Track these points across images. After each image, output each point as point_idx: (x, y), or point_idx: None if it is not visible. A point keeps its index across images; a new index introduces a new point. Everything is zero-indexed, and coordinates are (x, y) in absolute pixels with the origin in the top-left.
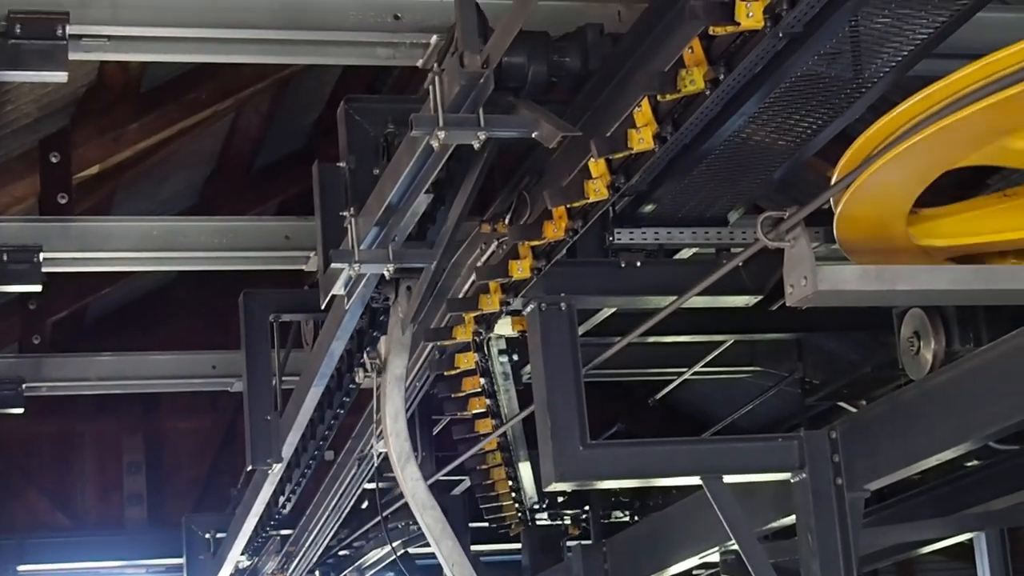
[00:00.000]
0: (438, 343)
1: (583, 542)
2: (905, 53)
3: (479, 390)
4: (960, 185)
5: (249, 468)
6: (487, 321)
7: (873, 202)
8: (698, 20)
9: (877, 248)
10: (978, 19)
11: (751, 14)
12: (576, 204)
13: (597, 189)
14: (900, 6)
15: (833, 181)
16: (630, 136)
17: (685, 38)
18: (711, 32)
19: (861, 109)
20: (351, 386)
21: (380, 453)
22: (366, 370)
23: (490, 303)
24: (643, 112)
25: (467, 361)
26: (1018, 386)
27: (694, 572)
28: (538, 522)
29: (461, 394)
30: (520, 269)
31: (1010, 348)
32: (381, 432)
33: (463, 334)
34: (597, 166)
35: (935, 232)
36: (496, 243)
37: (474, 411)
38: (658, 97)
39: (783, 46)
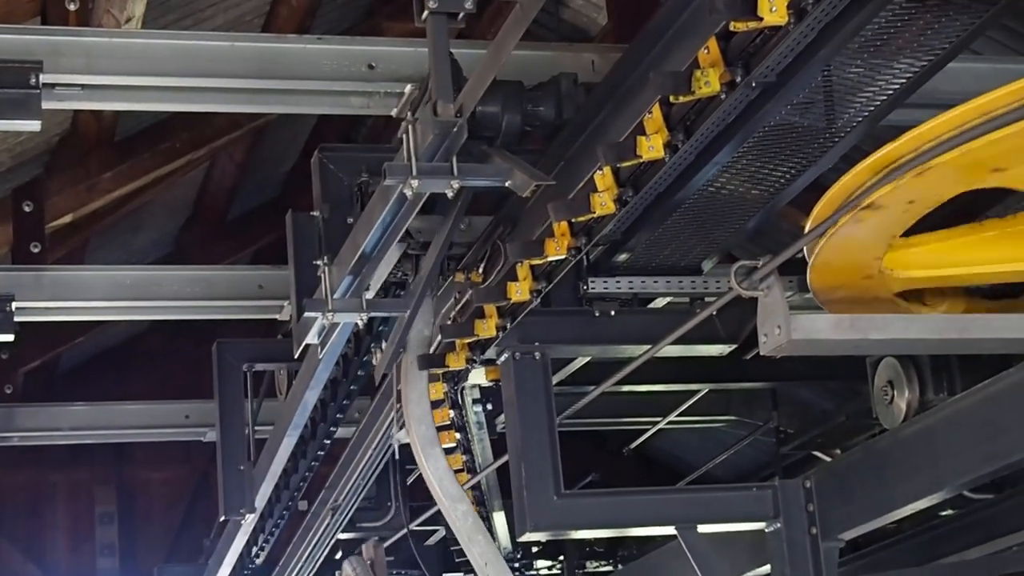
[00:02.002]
0: (398, 404)
1: None
2: (878, 103)
3: (454, 445)
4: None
5: (222, 518)
6: (455, 378)
7: (846, 251)
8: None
9: (851, 297)
10: (950, 69)
11: (708, 83)
12: (538, 261)
13: (558, 247)
14: (872, 57)
15: (806, 230)
16: (592, 200)
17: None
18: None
19: (834, 158)
20: (325, 435)
21: (400, 442)
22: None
23: (456, 360)
24: (604, 176)
25: (441, 416)
26: (992, 435)
27: None
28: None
29: None
30: (486, 328)
31: (984, 397)
32: (401, 419)
33: (435, 392)
34: (560, 226)
35: (908, 262)
36: (471, 292)
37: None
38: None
39: (756, 96)
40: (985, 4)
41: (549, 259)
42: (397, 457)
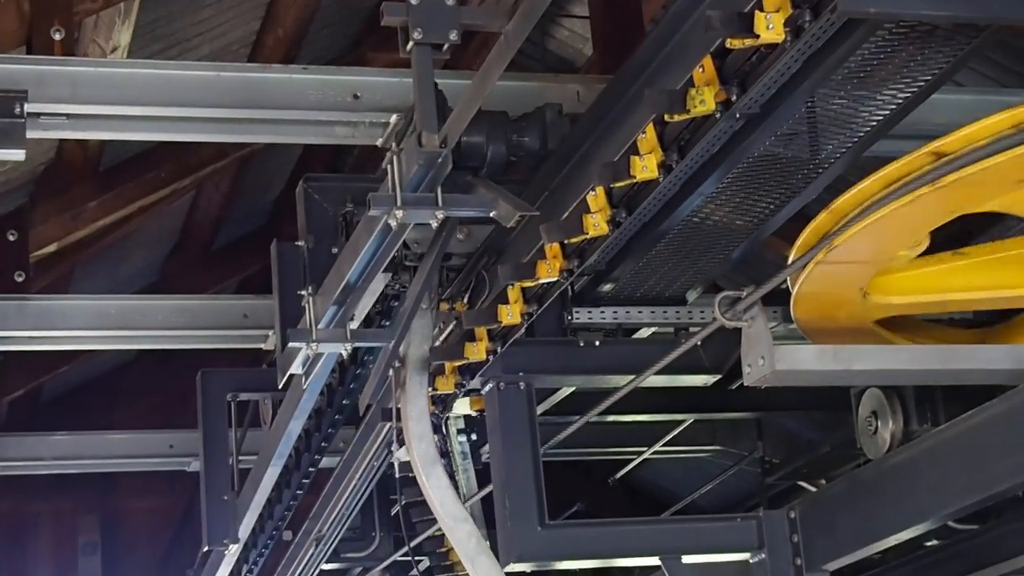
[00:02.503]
0: (396, 424)
1: None
2: (861, 134)
3: None
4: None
5: (205, 548)
6: (444, 402)
7: (830, 282)
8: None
9: (834, 328)
10: (933, 100)
11: (703, 101)
12: (529, 284)
13: (550, 269)
14: (855, 88)
15: (789, 261)
16: (585, 221)
17: (638, 125)
18: (665, 119)
19: (818, 189)
20: (310, 465)
21: (400, 460)
22: None
23: (446, 384)
24: (597, 197)
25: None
26: (976, 465)
27: None
28: None
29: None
30: (476, 351)
31: (968, 428)
32: (400, 435)
33: None
34: (552, 248)
35: (890, 288)
36: (455, 322)
37: None
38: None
39: (740, 127)
40: (968, 36)
41: (540, 281)
42: (398, 475)
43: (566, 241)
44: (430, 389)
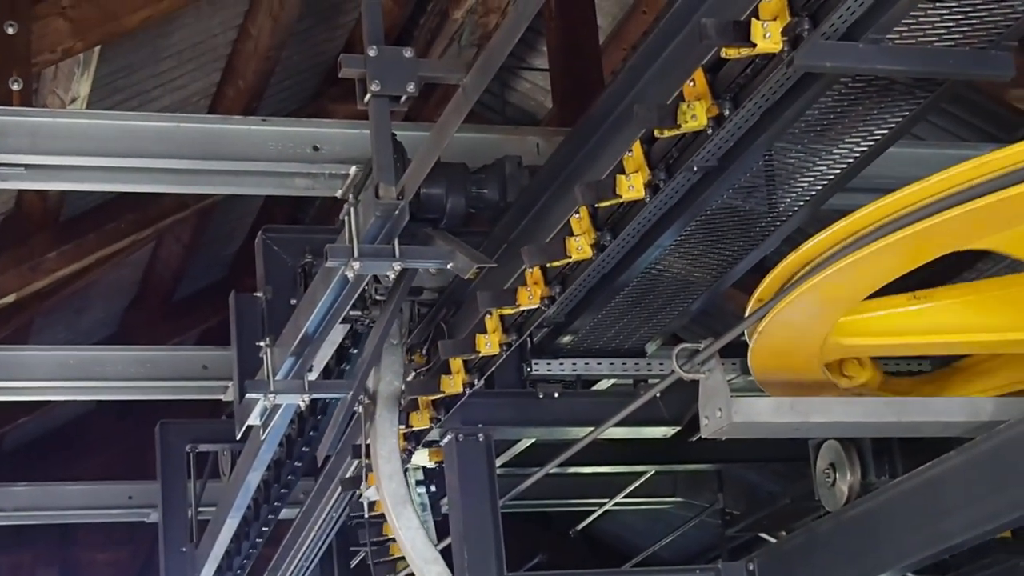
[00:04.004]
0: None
1: None
2: (819, 187)
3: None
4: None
5: None
6: (417, 438)
7: (787, 334)
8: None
9: (792, 380)
10: (891, 154)
11: (695, 116)
12: (509, 312)
13: (531, 296)
14: (812, 142)
15: (747, 313)
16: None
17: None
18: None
19: (777, 241)
20: (269, 516)
21: (367, 500)
22: None
23: (420, 419)
24: (533, 274)
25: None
26: (934, 518)
27: None
28: None
29: (381, 539)
30: (452, 384)
31: (925, 480)
32: (371, 472)
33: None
34: (533, 272)
35: (851, 330)
36: (414, 373)
37: (396, 555)
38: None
39: (699, 179)
40: (925, 90)
41: (521, 309)
42: (367, 515)
43: (548, 265)
44: (402, 427)
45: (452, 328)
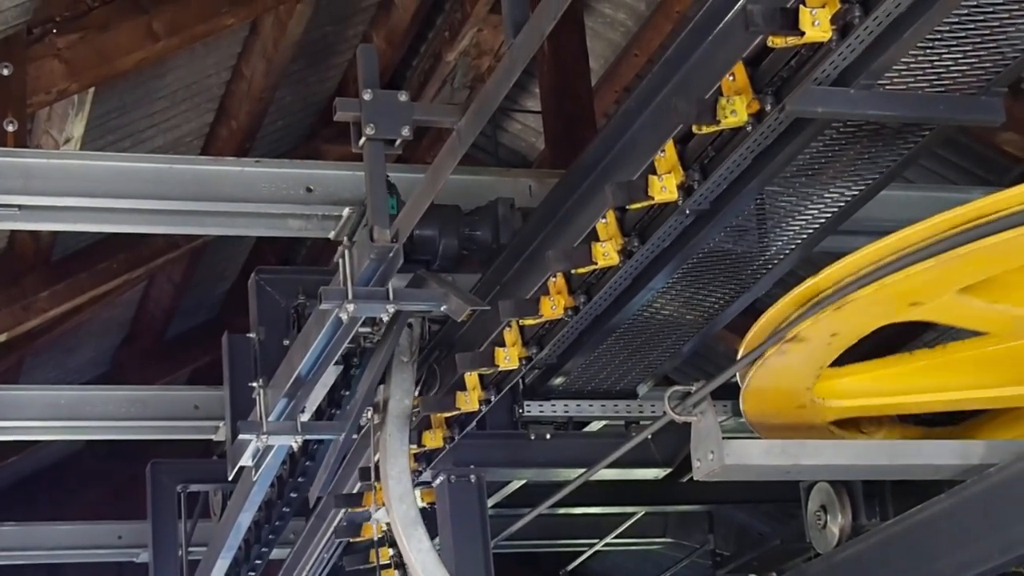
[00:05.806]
0: (347, 508)
1: None
2: (811, 231)
3: (388, 563)
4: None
5: None
6: (429, 459)
7: (777, 380)
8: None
9: (783, 423)
10: (882, 196)
11: (664, 188)
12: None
13: (554, 306)
14: (804, 185)
15: (739, 356)
16: (594, 251)
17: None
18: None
19: (768, 284)
20: (259, 557)
21: (380, 523)
22: None
23: (434, 439)
24: (608, 224)
25: (379, 529)
26: (924, 560)
27: None
28: None
29: (369, 565)
30: (468, 401)
31: (916, 523)
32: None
33: (371, 501)
34: (557, 282)
35: (839, 392)
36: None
37: None
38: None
39: (691, 222)
40: (916, 135)
41: (544, 319)
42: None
43: (573, 272)
44: (413, 446)
45: (443, 371)
